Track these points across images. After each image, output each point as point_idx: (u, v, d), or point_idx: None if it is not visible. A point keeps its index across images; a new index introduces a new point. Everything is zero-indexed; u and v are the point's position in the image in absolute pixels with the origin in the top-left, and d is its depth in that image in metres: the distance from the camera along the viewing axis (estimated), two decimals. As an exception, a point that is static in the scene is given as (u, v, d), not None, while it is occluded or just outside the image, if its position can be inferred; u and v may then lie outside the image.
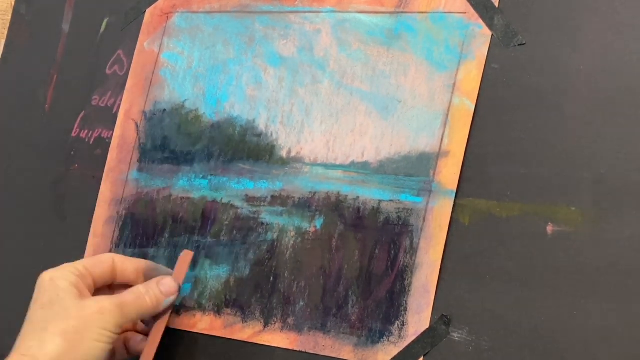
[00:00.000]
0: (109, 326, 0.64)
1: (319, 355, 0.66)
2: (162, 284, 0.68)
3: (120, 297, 0.66)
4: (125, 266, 0.69)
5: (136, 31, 0.81)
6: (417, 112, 0.67)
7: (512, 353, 0.61)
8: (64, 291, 0.65)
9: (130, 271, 0.69)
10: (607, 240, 0.60)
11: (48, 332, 0.63)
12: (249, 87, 0.74)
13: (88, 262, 0.68)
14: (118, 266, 0.69)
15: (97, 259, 0.69)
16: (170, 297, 0.67)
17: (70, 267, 0.67)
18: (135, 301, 0.66)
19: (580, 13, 0.64)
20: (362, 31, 0.71)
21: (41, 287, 0.66)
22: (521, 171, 0.63)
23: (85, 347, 0.63)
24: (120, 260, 0.69)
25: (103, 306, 0.64)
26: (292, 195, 0.70)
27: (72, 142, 0.82)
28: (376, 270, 0.66)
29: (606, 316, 0.59)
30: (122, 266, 0.69)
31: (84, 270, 0.67)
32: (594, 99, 0.62)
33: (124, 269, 0.69)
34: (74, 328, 0.63)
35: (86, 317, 0.64)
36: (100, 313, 0.64)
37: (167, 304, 0.67)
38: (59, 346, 0.62)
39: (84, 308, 0.64)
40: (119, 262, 0.69)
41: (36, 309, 0.65)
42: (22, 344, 0.63)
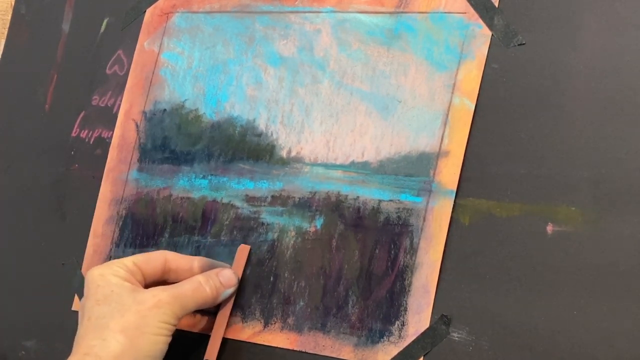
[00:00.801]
0: (168, 319, 0.64)
1: (319, 355, 0.66)
2: (221, 275, 0.67)
3: (178, 288, 0.65)
4: (178, 264, 0.68)
5: (136, 31, 0.81)
6: (417, 112, 0.67)
7: (512, 353, 0.61)
8: (118, 286, 0.64)
9: (184, 269, 0.68)
10: (607, 240, 0.60)
11: (109, 329, 0.62)
12: (249, 87, 0.74)
13: (138, 258, 0.67)
14: (171, 264, 0.68)
15: (148, 255, 0.68)
16: (230, 289, 0.67)
17: (118, 263, 0.66)
18: (194, 292, 0.65)
19: (580, 13, 0.64)
20: (362, 31, 0.71)
21: (92, 283, 0.65)
22: (521, 171, 0.63)
23: (146, 342, 0.63)
24: (173, 257, 0.68)
25: (161, 299, 0.64)
26: (292, 195, 0.70)
27: (72, 142, 0.82)
28: (376, 270, 0.66)
29: (606, 316, 0.59)
30: (175, 264, 0.68)
31: (133, 266, 0.66)
32: (594, 99, 0.62)
33: (177, 267, 0.68)
34: (133, 324, 0.62)
35: (144, 311, 0.63)
36: (158, 306, 0.63)
37: (226, 296, 0.67)
38: (120, 343, 0.62)
39: (141, 302, 0.63)
40: (171, 259, 0.68)
41: (92, 305, 0.64)
42: (83, 343, 0.63)
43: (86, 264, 0.77)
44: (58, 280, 0.78)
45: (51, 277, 0.79)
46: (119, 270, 0.65)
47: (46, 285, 0.79)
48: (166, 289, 0.65)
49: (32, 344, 0.78)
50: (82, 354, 0.62)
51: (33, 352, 0.78)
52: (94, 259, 0.77)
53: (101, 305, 0.63)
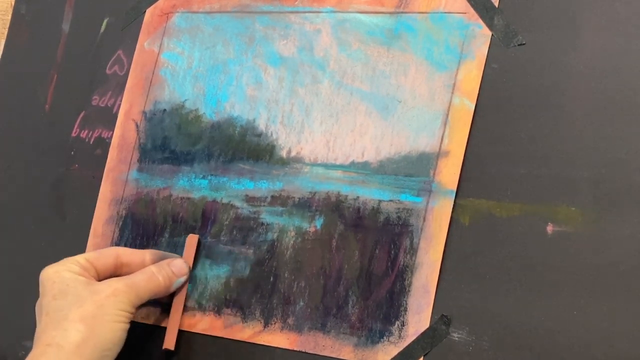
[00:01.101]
0: (125, 306, 0.65)
1: (319, 355, 0.66)
2: (173, 265, 0.69)
3: (132, 278, 0.67)
4: (131, 259, 0.70)
5: (136, 31, 0.81)
6: (417, 112, 0.67)
7: (512, 353, 0.61)
8: (73, 280, 0.66)
9: (136, 263, 0.70)
10: (607, 240, 0.60)
11: (68, 320, 0.64)
12: (249, 87, 0.74)
13: (90, 255, 0.69)
14: (123, 259, 0.69)
15: (100, 252, 0.70)
16: (182, 278, 0.69)
17: (71, 260, 0.68)
18: (148, 281, 0.67)
19: (580, 13, 0.64)
20: (362, 31, 0.71)
21: (48, 280, 0.66)
22: (521, 171, 0.63)
23: (105, 330, 0.64)
24: (125, 253, 0.70)
25: (116, 288, 0.66)
26: (292, 195, 0.70)
27: (72, 142, 0.82)
28: (376, 270, 0.66)
29: (606, 316, 0.59)
30: (128, 259, 0.70)
31: (86, 263, 0.68)
32: (594, 99, 0.62)
33: (129, 261, 0.69)
34: (91, 313, 0.64)
35: (101, 300, 0.65)
36: (114, 295, 0.65)
37: (179, 284, 0.69)
38: (81, 332, 0.63)
39: (97, 292, 0.65)
40: (123, 254, 0.70)
41: (49, 300, 0.65)
42: (43, 335, 0.64)
43: (86, 264, 0.77)
44: (58, 280, 0.78)
45: (51, 277, 0.79)
46: (72, 266, 0.67)
47: (46, 285, 0.79)
48: (121, 279, 0.67)
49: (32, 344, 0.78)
50: (44, 345, 0.63)
51: (33, 352, 0.78)
52: (94, 259, 0.77)
53: (58, 299, 0.65)
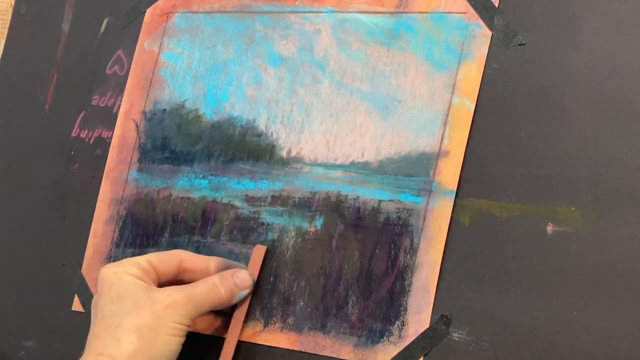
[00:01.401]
0: (182, 319, 0.63)
1: (319, 355, 0.66)
2: (237, 276, 0.66)
3: (192, 288, 0.64)
4: (194, 265, 0.67)
5: (136, 31, 0.81)
6: (417, 112, 0.67)
7: (512, 353, 0.61)
8: (131, 284, 0.63)
9: (200, 270, 0.67)
10: (607, 240, 0.60)
11: (123, 329, 0.62)
12: (249, 87, 0.74)
13: (152, 257, 0.66)
14: (186, 264, 0.67)
15: (163, 255, 0.67)
16: (245, 291, 0.67)
17: (132, 262, 0.65)
18: (208, 293, 0.65)
19: (580, 13, 0.64)
20: (362, 31, 0.71)
21: (106, 280, 0.64)
22: (521, 171, 0.63)
23: (160, 342, 0.62)
24: (189, 257, 0.67)
25: (175, 299, 0.63)
26: (292, 195, 0.70)
27: (72, 142, 0.82)
28: (376, 270, 0.66)
29: (606, 316, 0.59)
30: (191, 264, 0.67)
31: (147, 265, 0.66)
32: (594, 99, 0.62)
33: (192, 267, 0.67)
34: (148, 324, 0.62)
35: (159, 311, 0.62)
36: (173, 307, 0.63)
37: (241, 297, 0.67)
38: (134, 344, 0.61)
39: (156, 302, 0.63)
40: (187, 259, 0.67)
41: (105, 303, 0.63)
42: (96, 342, 0.62)
43: (86, 264, 0.77)
44: (58, 280, 0.78)
45: (51, 277, 0.79)
46: (132, 269, 0.65)
47: (46, 285, 0.79)
48: (181, 289, 0.64)
49: (32, 344, 0.78)
50: (96, 354, 0.61)
51: (33, 352, 0.78)
52: (94, 259, 0.77)
53: (115, 303, 0.63)
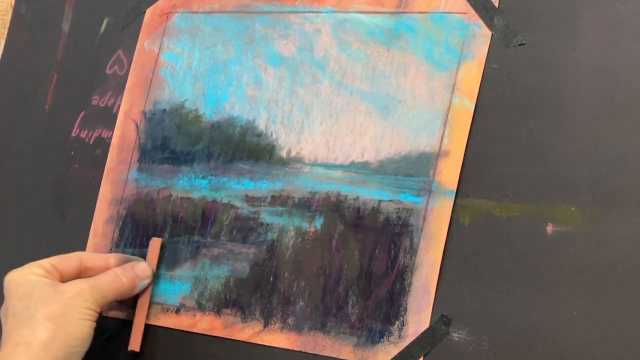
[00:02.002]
0: (90, 305, 0.67)
1: (319, 355, 0.66)
2: (137, 268, 0.71)
3: (97, 279, 0.69)
4: (94, 263, 0.71)
5: (136, 31, 0.81)
6: (417, 112, 0.67)
7: (512, 353, 0.61)
8: (38, 282, 0.67)
9: (100, 267, 0.71)
10: (607, 240, 0.60)
11: (35, 319, 0.65)
12: (249, 87, 0.74)
13: (54, 259, 0.70)
14: (87, 263, 0.71)
15: (64, 256, 0.71)
16: (145, 280, 0.71)
17: (36, 265, 0.69)
18: (112, 282, 0.69)
19: (580, 13, 0.64)
20: (362, 31, 0.71)
21: (12, 283, 0.68)
22: (521, 171, 0.63)
23: (73, 327, 0.66)
24: (89, 257, 0.72)
25: (81, 288, 0.67)
26: (292, 195, 0.70)
27: (72, 142, 0.82)
28: (376, 270, 0.66)
29: (606, 316, 0.59)
30: (91, 263, 0.71)
31: (50, 266, 0.69)
32: (594, 99, 0.62)
33: (93, 265, 0.71)
34: (59, 311, 0.65)
35: (67, 300, 0.66)
36: (80, 295, 0.67)
37: (143, 286, 0.71)
38: (48, 329, 0.65)
39: (63, 292, 0.67)
40: (86, 259, 0.71)
41: (15, 302, 0.67)
42: (12, 335, 0.65)
43: (86, 264, 0.77)
44: (58, 280, 0.78)
45: (51, 277, 0.79)
46: (36, 269, 0.68)
47: (46, 285, 0.79)
48: (86, 280, 0.68)
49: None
50: (14, 344, 0.64)
51: (33, 352, 0.78)
52: (94, 259, 0.77)
53: (24, 300, 0.66)
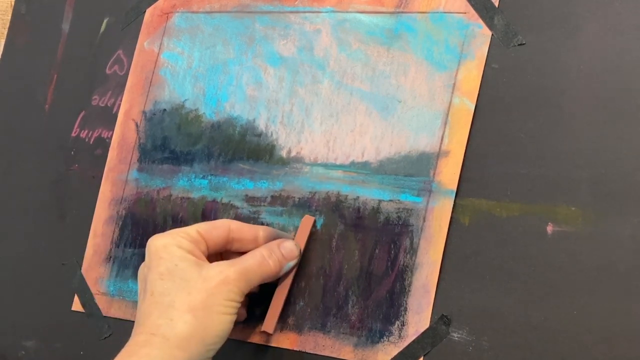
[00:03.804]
0: (234, 296, 0.62)
1: (319, 355, 0.66)
2: (283, 247, 0.65)
3: (243, 263, 0.63)
4: (243, 234, 0.65)
5: (136, 31, 0.81)
6: (417, 112, 0.67)
7: (512, 353, 0.61)
8: (182, 260, 0.62)
9: (249, 240, 0.65)
10: (607, 240, 0.60)
11: (175, 308, 0.60)
12: (249, 87, 0.74)
13: (202, 227, 0.64)
14: (235, 234, 0.65)
15: (212, 224, 0.65)
16: (292, 261, 0.65)
17: (182, 233, 0.63)
18: (259, 266, 0.63)
19: (580, 13, 0.64)
20: (362, 31, 0.71)
21: (155, 254, 0.62)
22: (521, 171, 0.63)
23: (213, 322, 0.61)
24: (237, 227, 0.65)
25: (227, 276, 0.61)
26: (292, 195, 0.70)
27: (72, 142, 0.82)
28: (376, 270, 0.66)
29: (606, 316, 0.59)
30: (239, 234, 0.65)
31: (197, 235, 0.64)
32: (594, 99, 0.62)
33: (241, 237, 0.65)
34: (201, 303, 0.60)
35: (211, 289, 0.61)
36: (225, 283, 0.61)
37: (288, 268, 0.65)
38: (188, 324, 0.60)
39: (207, 279, 0.61)
40: (235, 229, 0.65)
41: (154, 278, 0.62)
42: (148, 321, 0.60)
43: (86, 264, 0.77)
44: (58, 280, 0.78)
45: (51, 277, 0.79)
46: (182, 241, 0.63)
47: (46, 285, 0.79)
48: (231, 264, 0.62)
49: (32, 344, 0.78)
50: (149, 334, 0.60)
51: (33, 352, 0.78)
52: (94, 259, 0.77)
53: (165, 280, 0.61)
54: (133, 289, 0.74)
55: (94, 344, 0.75)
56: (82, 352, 0.76)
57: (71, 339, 0.76)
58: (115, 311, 0.75)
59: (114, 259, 0.76)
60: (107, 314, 0.75)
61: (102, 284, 0.76)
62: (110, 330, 0.74)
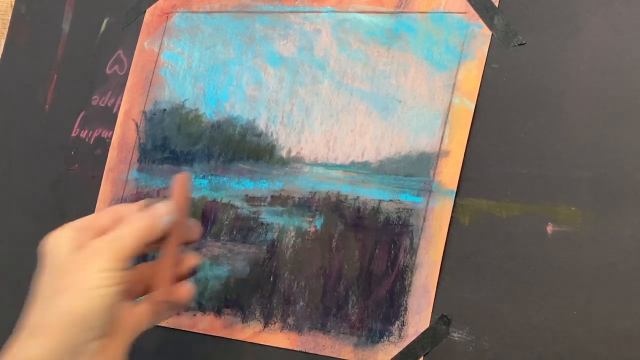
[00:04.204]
0: (107, 265, 0.59)
1: (319, 355, 0.66)
2: (154, 206, 0.62)
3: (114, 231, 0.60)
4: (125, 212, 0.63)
5: (136, 31, 0.81)
6: (417, 112, 0.67)
7: (512, 353, 0.61)
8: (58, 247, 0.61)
9: None
10: (607, 240, 0.60)
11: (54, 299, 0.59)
12: (249, 87, 0.74)
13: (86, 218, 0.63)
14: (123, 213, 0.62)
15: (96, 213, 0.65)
16: (167, 216, 0.62)
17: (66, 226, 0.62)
18: (129, 228, 0.60)
19: (580, 13, 0.64)
20: (362, 31, 0.71)
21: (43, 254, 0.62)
22: (521, 171, 0.63)
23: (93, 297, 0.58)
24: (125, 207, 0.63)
25: (95, 247, 0.59)
26: (292, 195, 0.70)
27: (72, 142, 0.82)
28: (376, 270, 0.66)
29: (606, 316, 0.59)
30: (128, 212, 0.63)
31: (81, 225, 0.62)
32: (594, 99, 0.62)
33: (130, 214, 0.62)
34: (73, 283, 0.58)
35: (81, 266, 0.59)
36: (93, 256, 0.59)
37: (165, 222, 0.62)
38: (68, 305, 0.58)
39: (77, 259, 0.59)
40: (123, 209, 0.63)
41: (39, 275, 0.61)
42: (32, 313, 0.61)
43: (86, 264, 0.77)
44: (58, 280, 0.78)
45: (51, 277, 0.79)
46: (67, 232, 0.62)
47: (46, 285, 0.79)
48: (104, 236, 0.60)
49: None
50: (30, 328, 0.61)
51: (33, 352, 0.78)
52: (94, 259, 0.77)
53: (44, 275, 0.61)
54: (133, 289, 0.74)
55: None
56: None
57: (71, 339, 0.76)
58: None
59: (114, 259, 0.76)
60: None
61: (102, 284, 0.76)
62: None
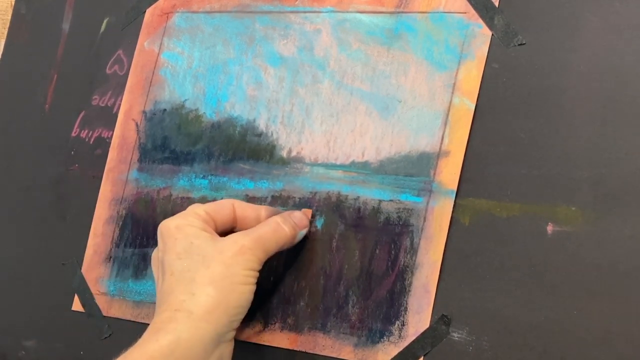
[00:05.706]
0: (252, 265, 0.62)
1: (319, 355, 0.66)
2: (294, 216, 0.66)
3: (257, 231, 0.63)
4: (246, 213, 0.66)
5: (136, 31, 0.81)
6: (417, 112, 0.67)
7: (512, 353, 0.61)
8: (196, 237, 0.62)
9: (251, 218, 0.66)
10: (607, 240, 0.60)
11: (196, 282, 0.60)
12: (249, 87, 0.74)
13: (208, 207, 0.65)
14: (238, 212, 0.66)
15: (217, 203, 0.65)
16: (303, 230, 0.66)
17: (192, 214, 0.64)
18: (273, 232, 0.64)
19: (580, 13, 0.64)
20: (362, 31, 0.71)
21: (169, 236, 0.63)
22: (521, 171, 0.63)
23: (234, 292, 0.61)
24: (241, 206, 0.66)
25: (243, 245, 0.62)
26: (293, 195, 0.70)
27: (72, 142, 0.82)
28: (376, 270, 0.66)
29: (606, 316, 0.59)
30: (243, 213, 0.66)
31: (206, 215, 0.64)
32: (594, 99, 0.62)
33: (244, 215, 0.66)
34: (220, 275, 0.60)
35: (228, 260, 0.61)
36: (242, 253, 0.61)
37: (301, 237, 0.66)
38: (211, 297, 0.60)
39: (224, 251, 0.61)
40: (239, 208, 0.66)
41: (172, 259, 0.62)
42: (171, 299, 0.61)
43: (86, 264, 0.77)
44: (58, 280, 0.78)
45: (51, 277, 0.79)
46: (194, 220, 0.63)
47: (46, 285, 0.79)
48: (246, 234, 0.63)
49: (32, 344, 0.78)
50: (173, 310, 0.60)
51: (33, 352, 0.78)
52: (94, 259, 0.77)
53: (183, 259, 0.62)
54: (133, 289, 0.74)
55: (94, 344, 0.75)
56: (82, 352, 0.76)
57: (71, 339, 0.76)
58: (115, 311, 0.75)
59: (114, 259, 0.76)
60: (107, 314, 0.75)
61: (102, 284, 0.76)
62: (110, 330, 0.74)
